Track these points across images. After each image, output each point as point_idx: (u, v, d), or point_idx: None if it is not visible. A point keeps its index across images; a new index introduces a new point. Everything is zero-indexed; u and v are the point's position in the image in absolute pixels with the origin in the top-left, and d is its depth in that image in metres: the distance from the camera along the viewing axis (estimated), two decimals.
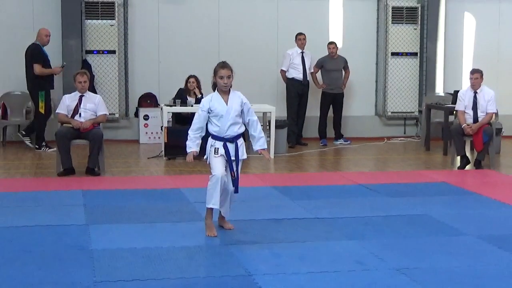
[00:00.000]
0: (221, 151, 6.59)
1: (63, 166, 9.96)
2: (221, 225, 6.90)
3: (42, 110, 12.16)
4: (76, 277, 5.44)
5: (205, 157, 6.76)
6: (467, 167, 10.92)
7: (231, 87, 6.67)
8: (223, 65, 6.60)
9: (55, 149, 12.36)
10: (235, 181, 6.64)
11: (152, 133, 13.57)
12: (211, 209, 6.65)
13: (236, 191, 6.70)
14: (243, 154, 6.71)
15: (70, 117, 10.06)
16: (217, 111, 6.59)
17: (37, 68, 12.17)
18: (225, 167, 6.63)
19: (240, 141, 6.71)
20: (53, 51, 13.19)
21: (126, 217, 7.44)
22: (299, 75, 13.40)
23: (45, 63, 12.31)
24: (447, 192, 9.05)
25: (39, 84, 12.20)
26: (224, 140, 6.61)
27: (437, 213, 7.70)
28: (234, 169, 6.63)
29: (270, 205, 8.06)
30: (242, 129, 6.72)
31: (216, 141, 6.62)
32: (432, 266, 5.78)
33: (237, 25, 14.12)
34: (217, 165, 6.57)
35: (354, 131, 14.52)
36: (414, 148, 13.44)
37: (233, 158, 6.62)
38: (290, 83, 13.45)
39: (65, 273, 5.53)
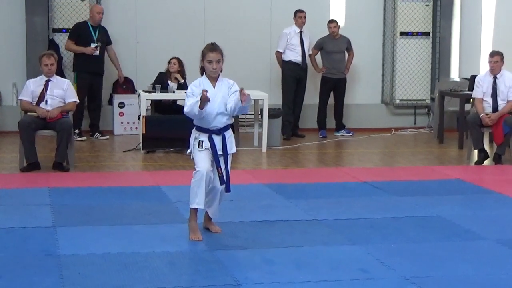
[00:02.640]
0: (206, 144, 6.59)
1: (26, 161, 9.94)
2: (207, 228, 6.90)
3: None
4: (42, 286, 5.44)
5: (188, 151, 6.75)
6: (486, 162, 10.95)
7: (221, 72, 6.67)
8: (212, 47, 6.59)
9: (85, 138, 12.44)
10: (222, 178, 6.63)
11: (128, 123, 13.55)
12: (195, 209, 6.64)
13: (227, 190, 6.70)
14: (232, 148, 6.72)
15: (35, 104, 10.04)
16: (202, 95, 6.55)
17: (66, 44, 12.88)
18: (211, 162, 6.62)
19: (228, 133, 6.70)
20: (16, 30, 13.19)
21: (98, 219, 7.44)
22: (297, 58, 13.40)
23: (82, 41, 12.70)
24: (463, 191, 9.08)
25: (74, 64, 12.83)
26: (210, 132, 6.61)
27: (451, 214, 7.72)
28: (222, 165, 6.62)
29: (262, 205, 8.07)
30: (231, 119, 6.72)
31: (201, 133, 6.62)
32: (446, 275, 5.80)
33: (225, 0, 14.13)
34: (202, 159, 6.57)
35: (358, 121, 14.53)
36: (426, 140, 13.47)
37: (220, 152, 6.62)
38: (287, 66, 13.45)
39: (30, 282, 5.52)
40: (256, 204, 8.13)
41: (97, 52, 12.76)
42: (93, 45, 12.71)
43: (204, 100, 6.38)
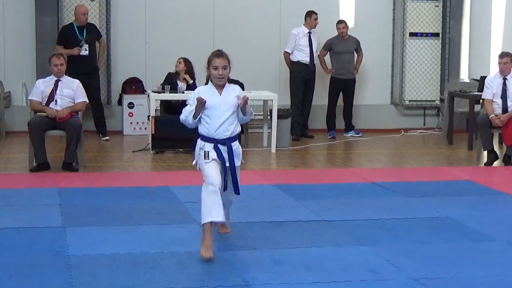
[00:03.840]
0: (212, 154, 6.30)
1: (36, 161, 9.95)
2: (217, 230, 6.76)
3: None
4: (51, 286, 5.45)
5: (194, 162, 6.50)
6: (495, 163, 10.92)
7: (228, 80, 6.43)
8: (218, 53, 6.35)
9: (108, 138, 12.69)
10: (226, 186, 6.36)
11: (137, 123, 13.57)
12: (210, 224, 6.23)
13: (236, 192, 6.47)
14: (239, 160, 6.46)
15: (44, 104, 10.06)
16: (208, 103, 6.26)
17: (57, 50, 12.56)
18: (221, 173, 6.33)
19: (235, 145, 6.42)
20: (25, 30, 13.22)
21: (107, 219, 7.44)
22: (305, 58, 13.40)
23: (70, 44, 12.64)
24: (472, 192, 9.06)
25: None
26: (215, 141, 6.32)
27: (460, 215, 7.71)
28: (234, 174, 6.36)
29: (271, 206, 8.07)
30: (238, 129, 6.44)
31: (206, 143, 6.34)
32: (455, 276, 5.79)
33: (235, 0, 14.13)
34: (211, 172, 6.26)
35: (367, 122, 14.52)
36: (435, 141, 13.45)
37: (226, 164, 6.32)
38: (295, 67, 13.45)
39: (39, 282, 5.53)
40: (265, 204, 8.13)
41: (85, 52, 12.70)
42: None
43: (199, 108, 6.18)
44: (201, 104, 6.19)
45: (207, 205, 6.17)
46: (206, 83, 6.51)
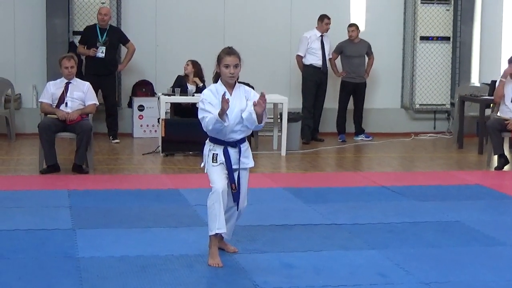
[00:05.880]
0: (221, 158, 6.11)
1: (46, 163, 9.97)
2: (221, 248, 6.41)
3: None
4: None
5: (202, 164, 6.32)
6: (506, 167, 10.90)
7: (238, 79, 6.26)
8: (230, 51, 6.14)
9: (118, 140, 12.74)
10: (236, 196, 6.17)
11: (147, 125, 13.58)
12: (216, 234, 6.12)
13: (237, 208, 6.27)
14: (248, 163, 6.25)
15: (55, 107, 10.08)
16: (218, 103, 6.06)
17: (77, 48, 12.94)
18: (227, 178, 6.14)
19: (245, 146, 6.24)
20: (36, 32, 13.24)
21: (117, 221, 7.45)
22: (318, 62, 13.38)
23: (89, 43, 12.83)
24: (483, 196, 9.04)
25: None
26: (225, 144, 6.14)
27: (471, 219, 7.69)
28: (236, 180, 6.15)
29: (281, 209, 8.07)
30: (248, 131, 6.28)
31: (215, 145, 6.14)
32: (465, 280, 5.78)
33: (245, 2, 14.13)
34: (217, 176, 6.07)
35: (377, 125, 14.50)
36: (445, 145, 13.42)
37: (235, 166, 6.13)
38: (308, 70, 13.43)
39: (48, 284, 5.54)
40: (274, 208, 8.13)
41: (101, 54, 12.77)
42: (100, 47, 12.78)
43: (224, 110, 5.91)
44: (226, 103, 5.88)
45: (212, 214, 6.05)
46: (215, 81, 6.26)
